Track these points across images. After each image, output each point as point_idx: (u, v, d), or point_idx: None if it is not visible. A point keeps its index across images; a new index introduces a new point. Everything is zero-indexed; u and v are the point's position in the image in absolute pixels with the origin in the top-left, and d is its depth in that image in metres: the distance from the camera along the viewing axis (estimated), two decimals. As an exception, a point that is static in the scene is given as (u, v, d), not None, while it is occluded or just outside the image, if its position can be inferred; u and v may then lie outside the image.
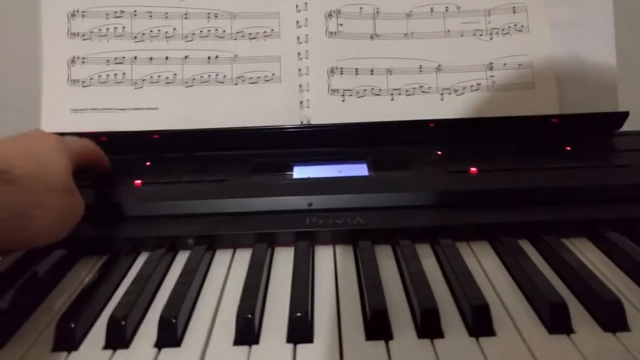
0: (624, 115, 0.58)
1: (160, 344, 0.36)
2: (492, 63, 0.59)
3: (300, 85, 0.58)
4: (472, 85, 0.59)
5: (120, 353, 0.35)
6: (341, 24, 0.60)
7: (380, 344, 0.35)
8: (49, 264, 0.45)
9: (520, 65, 0.59)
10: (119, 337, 0.36)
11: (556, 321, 0.36)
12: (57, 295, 0.43)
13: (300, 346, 0.35)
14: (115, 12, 0.58)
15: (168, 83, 0.58)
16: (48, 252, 0.46)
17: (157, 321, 0.37)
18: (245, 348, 0.35)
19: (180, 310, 0.37)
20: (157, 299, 0.42)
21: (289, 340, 0.36)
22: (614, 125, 0.59)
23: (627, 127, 0.59)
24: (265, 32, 0.59)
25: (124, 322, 0.36)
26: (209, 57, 0.58)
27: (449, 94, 0.59)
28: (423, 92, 0.59)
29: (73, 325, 0.36)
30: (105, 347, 0.36)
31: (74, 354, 0.36)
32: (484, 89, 0.59)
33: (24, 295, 0.40)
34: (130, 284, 0.42)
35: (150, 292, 0.42)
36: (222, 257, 0.47)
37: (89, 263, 0.48)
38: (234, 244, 0.49)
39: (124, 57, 0.58)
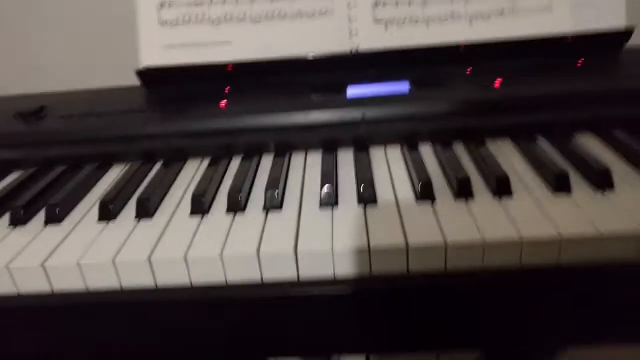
0: (630, 31, 0.67)
1: (267, 207, 0.50)
2: (514, -10, 0.68)
3: (349, 17, 0.69)
4: (497, 11, 0.68)
5: (241, 216, 0.50)
6: (383, -38, 0.69)
7: (428, 204, 0.48)
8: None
9: (539, -9, 0.68)
10: (236, 205, 0.50)
11: (559, 186, 0.48)
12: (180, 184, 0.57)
13: (369, 207, 0.49)
14: (193, -38, 0.69)
15: (240, 20, 0.70)
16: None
17: (261, 193, 0.51)
18: (329, 210, 0.49)
19: (279, 184, 0.51)
20: (257, 181, 0.56)
21: (360, 202, 0.49)
22: (621, 41, 0.69)
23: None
24: (318, -28, 0.69)
25: (239, 196, 0.50)
26: (272, -3, 0.69)
27: (477, 20, 0.69)
28: (454, 19, 0.69)
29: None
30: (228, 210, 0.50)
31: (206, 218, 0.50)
32: (507, 13, 0.68)
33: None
34: (233, 176, 0.56)
35: (250, 178, 0.56)
36: (298, 156, 0.61)
37: (195, 164, 0.62)
38: (306, 148, 0.62)
39: (202, 1, 0.69)
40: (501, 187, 0.49)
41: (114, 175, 0.62)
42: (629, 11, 0.67)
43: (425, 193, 0.49)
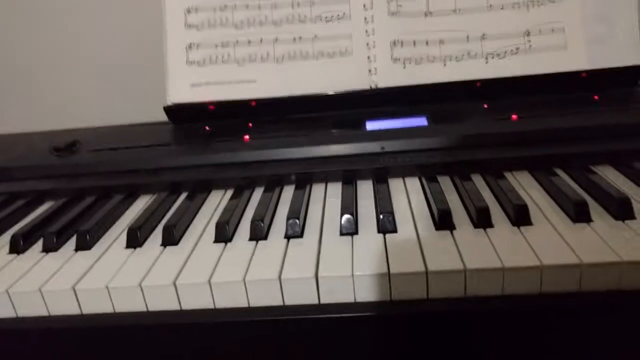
0: (644, 68, 0.69)
1: (288, 236, 0.51)
2: (528, 30, 0.70)
3: (369, 57, 0.72)
4: (512, 50, 0.71)
5: (263, 243, 0.51)
6: (400, 5, 0.73)
7: (447, 233, 0.49)
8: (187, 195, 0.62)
9: (553, 30, 0.70)
10: (258, 233, 0.52)
11: (579, 214, 0.49)
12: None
13: (388, 235, 0.50)
14: (220, 7, 0.74)
15: (263, 60, 0.73)
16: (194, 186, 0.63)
17: (283, 222, 0.52)
18: (348, 238, 0.50)
19: (300, 213, 0.53)
20: (278, 211, 0.57)
21: (379, 231, 0.50)
22: (636, 76, 0.70)
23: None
24: (338, 15, 0.73)
25: (262, 223, 0.52)
26: (294, 38, 0.73)
27: (492, 57, 0.71)
28: (470, 57, 0.72)
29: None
30: (250, 239, 0.52)
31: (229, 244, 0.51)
32: (522, 52, 0.70)
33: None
34: (256, 205, 0.57)
35: (272, 208, 0.57)
36: (318, 187, 0.63)
37: (219, 194, 0.64)
38: (326, 179, 0.64)
39: (228, 42, 0.73)
40: (520, 216, 0.49)
41: (140, 205, 0.64)
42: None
43: (444, 222, 0.50)
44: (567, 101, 0.68)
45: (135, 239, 0.53)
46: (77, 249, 0.54)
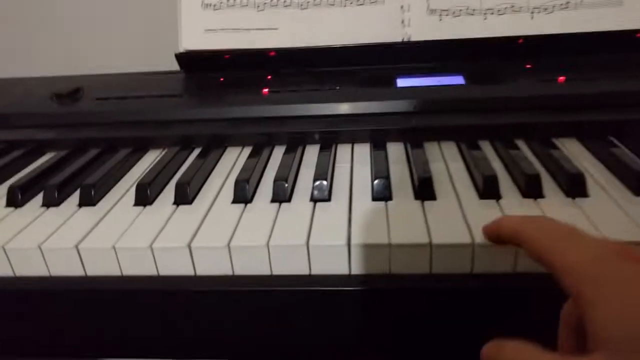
0: None
1: (315, 199, 0.46)
2: (581, -18, 0.63)
3: (402, 6, 0.65)
4: (561, 4, 0.64)
5: (286, 206, 0.46)
6: (439, -51, 0.65)
7: (493, 202, 0.44)
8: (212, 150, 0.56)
9: (608, -17, 0.63)
10: (282, 194, 0.47)
11: (640, 186, 0.44)
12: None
13: (426, 202, 0.45)
14: (241, -56, 0.67)
15: (286, 6, 0.66)
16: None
17: (307, 184, 0.47)
18: (382, 203, 0.45)
19: (327, 175, 0.47)
20: (301, 173, 0.52)
21: (416, 198, 0.45)
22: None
23: None
24: (370, -42, 0.66)
25: (286, 184, 0.47)
26: (321, -17, 0.66)
27: (539, 12, 0.64)
28: (514, 11, 0.65)
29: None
30: (272, 201, 0.47)
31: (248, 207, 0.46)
32: (572, 6, 0.64)
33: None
34: (276, 165, 0.52)
35: (295, 169, 0.52)
36: (344, 149, 0.57)
37: (235, 152, 0.59)
38: (353, 140, 0.58)
39: (249, -16, 0.67)
40: (575, 187, 0.44)
41: (150, 159, 0.59)
42: None
43: (489, 190, 0.45)
44: (620, 62, 0.62)
45: (145, 195, 0.48)
46: (80, 205, 0.49)
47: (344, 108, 0.60)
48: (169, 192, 0.50)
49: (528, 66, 0.63)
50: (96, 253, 0.42)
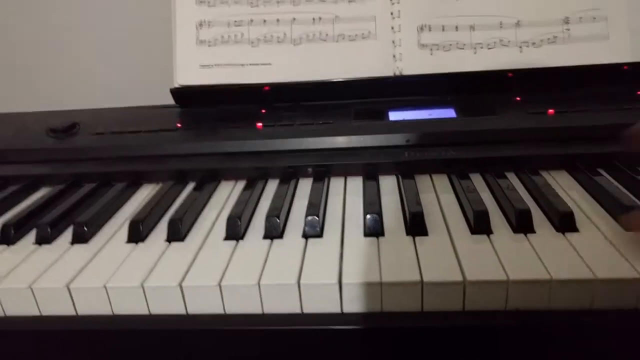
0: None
1: (306, 235, 0.46)
2: (568, 17, 0.65)
3: (393, 41, 0.67)
4: (548, 38, 0.65)
5: (278, 242, 0.46)
6: (429, -14, 0.67)
7: (484, 237, 0.44)
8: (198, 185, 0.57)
9: (594, 18, 0.65)
10: (274, 230, 0.47)
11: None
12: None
13: (418, 238, 0.45)
14: (234, -18, 0.68)
15: (279, 42, 0.68)
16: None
17: (300, 218, 0.47)
18: (374, 239, 0.45)
19: (320, 210, 0.48)
20: (294, 207, 0.52)
21: (408, 233, 0.45)
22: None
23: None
24: (361, -5, 0.68)
25: (278, 220, 0.47)
26: (313, 19, 0.67)
27: (527, 46, 0.66)
28: (503, 45, 0.66)
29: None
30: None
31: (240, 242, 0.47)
32: (560, 41, 0.65)
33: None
34: (269, 199, 0.52)
35: (288, 201, 0.52)
36: (337, 182, 0.57)
37: (229, 186, 0.59)
38: (345, 173, 0.59)
39: (242, 20, 0.68)
40: (565, 224, 0.44)
41: (143, 194, 0.59)
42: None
43: (481, 225, 0.45)
44: (608, 95, 0.63)
45: (137, 232, 0.48)
46: (73, 242, 0.49)
47: (337, 142, 0.60)
48: (162, 227, 0.50)
49: (518, 99, 0.64)
50: (87, 292, 0.41)
